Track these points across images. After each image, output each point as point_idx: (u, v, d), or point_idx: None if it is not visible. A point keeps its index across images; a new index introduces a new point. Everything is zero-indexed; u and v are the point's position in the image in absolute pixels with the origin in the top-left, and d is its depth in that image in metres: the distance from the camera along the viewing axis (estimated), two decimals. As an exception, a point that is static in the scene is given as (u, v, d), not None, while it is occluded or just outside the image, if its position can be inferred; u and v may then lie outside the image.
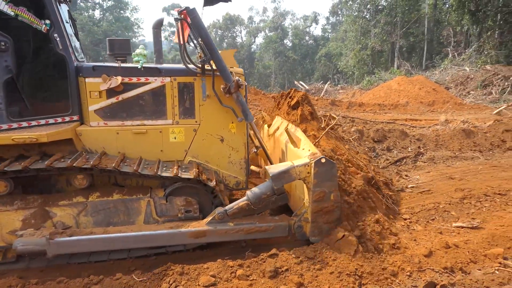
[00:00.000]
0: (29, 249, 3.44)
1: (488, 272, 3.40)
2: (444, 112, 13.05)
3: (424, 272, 3.45)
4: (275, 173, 3.71)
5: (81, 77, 3.96)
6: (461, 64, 20.95)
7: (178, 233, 3.72)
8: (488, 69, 17.59)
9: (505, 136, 8.60)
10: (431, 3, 29.63)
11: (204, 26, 4.07)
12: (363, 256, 3.65)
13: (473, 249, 3.84)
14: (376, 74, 25.83)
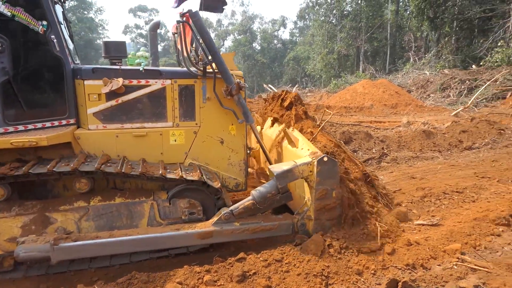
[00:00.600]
0: (32, 256, 3.30)
1: (447, 267, 3.54)
2: (406, 114, 13.58)
3: (388, 270, 3.55)
4: (279, 172, 3.76)
5: (79, 79, 3.88)
6: (422, 68, 21.91)
7: (185, 234, 3.68)
8: (446, 73, 18.49)
9: (462, 136, 9.05)
10: (393, 9, 30.84)
11: (206, 29, 4.10)
12: (330, 256, 3.70)
13: (433, 245, 3.99)
14: (343, 77, 26.51)
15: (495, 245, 4.08)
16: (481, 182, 6.05)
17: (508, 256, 3.75)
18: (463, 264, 3.52)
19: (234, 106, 4.28)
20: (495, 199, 5.28)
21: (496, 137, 9.09)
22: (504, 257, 3.74)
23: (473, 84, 16.03)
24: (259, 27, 50.54)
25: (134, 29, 57.24)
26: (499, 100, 14.27)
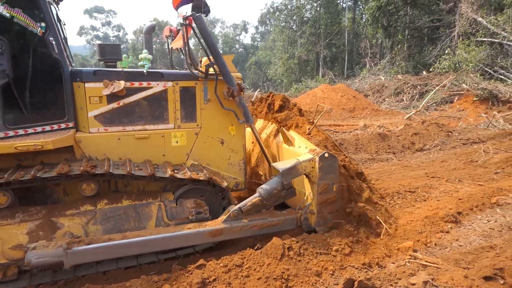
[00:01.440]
0: (44, 262, 3.20)
1: (400, 264, 3.68)
2: (363, 118, 14.08)
3: (345, 270, 3.63)
4: (284, 169, 3.91)
5: (79, 82, 3.81)
6: (377, 73, 22.87)
7: (197, 233, 3.71)
8: (399, 78, 19.43)
9: (414, 138, 9.53)
10: (350, 17, 32.00)
11: (209, 32, 4.15)
12: (289, 259, 3.73)
13: (388, 244, 4.15)
14: (303, 82, 27.06)
15: (444, 241, 4.30)
16: (431, 182, 6.38)
17: (456, 251, 3.97)
18: (415, 261, 3.67)
19: (235, 107, 4.36)
20: (444, 197, 5.58)
21: (444, 139, 9.65)
22: (452, 252, 3.96)
23: (424, 89, 16.97)
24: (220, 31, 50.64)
25: (90, 31, 55.15)
26: (448, 104, 15.19)
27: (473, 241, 4.27)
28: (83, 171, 3.45)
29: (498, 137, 9.68)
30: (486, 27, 17.13)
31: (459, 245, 4.19)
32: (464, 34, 18.23)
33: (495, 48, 16.70)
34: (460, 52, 16.99)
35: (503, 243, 3.97)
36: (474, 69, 15.97)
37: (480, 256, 3.73)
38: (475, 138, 9.62)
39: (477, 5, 18.52)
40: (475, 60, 16.09)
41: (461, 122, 12.05)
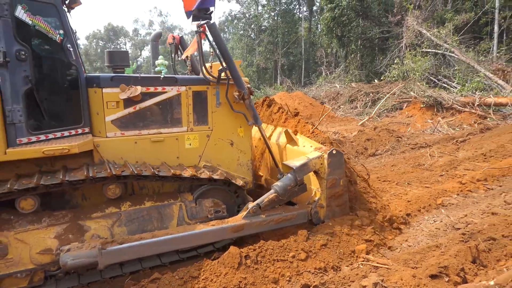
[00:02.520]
0: (79, 263, 3.26)
1: (354, 267, 3.80)
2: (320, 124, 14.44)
3: (302, 275, 3.68)
4: (298, 165, 4.24)
5: (95, 87, 3.89)
6: (333, 81, 23.64)
7: (221, 229, 3.92)
8: (353, 86, 20.22)
9: (367, 144, 9.92)
10: (306, 27, 32.94)
11: (222, 39, 4.33)
12: (247, 267, 3.71)
13: (343, 247, 4.26)
14: (262, 89, 27.33)
15: (394, 242, 4.49)
16: (383, 185, 6.66)
17: (405, 252, 4.15)
18: (368, 263, 3.80)
19: (244, 109, 4.56)
20: (394, 200, 5.84)
21: (395, 144, 10.14)
22: (402, 253, 4.14)
23: (376, 96, 17.76)
24: (178, 38, 49.98)
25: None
26: (398, 110, 16.00)
27: (421, 241, 4.49)
28: (131, 172, 3.64)
29: (443, 141, 10.33)
30: (430, 39, 18.31)
31: (408, 245, 4.40)
32: (411, 45, 19.36)
33: (439, 58, 17.88)
34: (408, 62, 18.00)
35: (447, 242, 4.21)
36: (421, 78, 16.96)
37: (427, 255, 3.92)
38: (422, 142, 10.19)
39: (421, 19, 19.78)
40: (421, 69, 17.11)
41: (410, 128, 12.74)
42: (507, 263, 3.65)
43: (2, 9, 3.14)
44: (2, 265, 3.33)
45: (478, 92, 14.39)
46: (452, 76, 16.78)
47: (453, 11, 19.95)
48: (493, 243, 4.00)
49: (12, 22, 3.21)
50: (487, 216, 4.99)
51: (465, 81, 15.87)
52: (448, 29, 18.30)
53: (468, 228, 4.52)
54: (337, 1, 21.65)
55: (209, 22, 4.21)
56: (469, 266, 3.56)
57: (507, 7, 19.45)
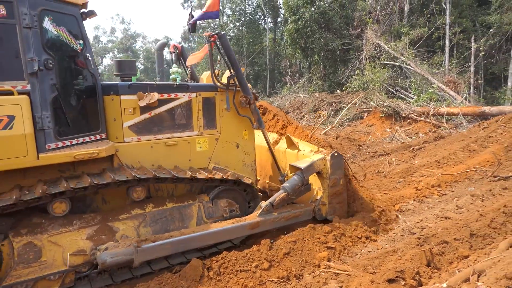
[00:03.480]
0: (117, 261, 3.47)
1: (316, 275, 3.84)
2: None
3: (265, 285, 3.67)
4: (305, 166, 4.65)
5: (113, 95, 4.06)
6: (297, 91, 24.08)
7: (240, 226, 4.30)
8: (317, 96, 20.70)
9: (329, 153, 10.14)
10: (271, 37, 33.45)
11: (231, 48, 4.70)
12: (209, 279, 3.66)
13: (306, 254, 4.30)
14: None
15: (355, 248, 4.60)
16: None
17: (365, 257, 4.25)
18: (329, 270, 3.85)
19: (249, 113, 4.92)
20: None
21: (356, 152, 10.45)
22: (362, 258, 4.24)
23: (338, 106, 18.26)
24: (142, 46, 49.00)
25: None
26: (359, 120, 16.55)
27: (380, 247, 4.63)
28: (172, 175, 3.99)
29: (400, 149, 10.78)
30: (388, 51, 19.20)
31: (368, 251, 4.51)
32: (371, 57, 20.17)
33: (396, 70, 18.74)
34: (368, 73, 18.71)
35: (404, 247, 4.37)
36: (380, 88, 17.67)
37: (385, 260, 4.05)
38: (381, 151, 10.59)
39: (380, 32, 20.71)
40: (380, 80, 17.85)
41: (370, 137, 13.21)
42: (458, 265, 3.84)
43: (32, 20, 3.29)
44: (36, 268, 3.43)
45: (432, 103, 15.19)
46: (409, 87, 17.63)
47: (408, 26, 21.04)
48: (446, 246, 4.19)
49: (41, 33, 3.37)
50: (441, 220, 5.24)
51: (420, 92, 16.72)
52: (404, 43, 19.27)
53: (423, 233, 4.72)
54: (301, 13, 22.19)
55: (220, 33, 4.54)
56: (424, 269, 3.70)
57: (456, 23, 20.81)
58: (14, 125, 3.14)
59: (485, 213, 4.99)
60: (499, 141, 9.15)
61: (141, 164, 4.21)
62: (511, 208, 4.98)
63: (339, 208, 5.05)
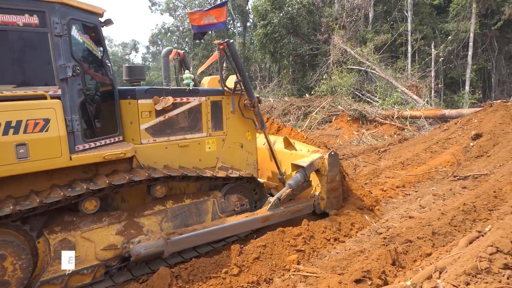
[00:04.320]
0: (150, 252, 3.75)
1: (285, 278, 3.85)
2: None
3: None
4: (307, 165, 5.08)
5: (130, 99, 4.31)
6: (267, 95, 24.25)
7: (253, 219, 4.69)
8: (286, 100, 20.93)
9: (299, 156, 10.25)
10: (240, 42, 33.55)
11: (239, 56, 5.09)
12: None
13: (276, 258, 4.31)
14: (197, 103, 27.07)
15: (324, 250, 4.65)
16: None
17: (333, 259, 4.31)
18: (298, 273, 3.88)
19: (253, 116, 5.30)
20: (323, 209, 6.06)
21: (325, 155, 10.60)
22: (330, 260, 4.29)
23: (307, 110, 18.57)
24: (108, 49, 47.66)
25: None
26: (327, 123, 16.89)
27: (348, 247, 4.71)
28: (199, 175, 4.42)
29: (367, 151, 11.08)
30: (354, 57, 19.78)
31: (336, 252, 4.58)
32: (338, 62, 20.69)
33: (362, 75, 19.34)
34: (335, 78, 19.17)
35: (370, 247, 4.47)
36: (347, 92, 18.15)
37: (353, 260, 4.12)
38: (349, 153, 10.83)
39: (346, 38, 21.31)
40: (347, 84, 18.34)
41: (338, 140, 13.50)
42: (422, 263, 3.98)
43: (63, 29, 3.49)
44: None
45: (397, 106, 15.77)
46: (374, 91, 18.21)
47: (373, 32, 21.78)
48: (410, 245, 4.33)
49: (69, 41, 3.57)
50: (405, 220, 5.42)
51: (385, 96, 17.31)
52: (369, 48, 19.92)
53: (389, 232, 4.85)
54: (269, 19, 22.43)
55: (229, 41, 4.91)
56: (389, 268, 3.81)
57: (417, 30, 21.75)
58: (50, 128, 3.35)
59: (446, 211, 5.20)
60: (458, 142, 9.60)
61: (157, 164, 4.47)
62: (469, 206, 5.23)
63: (335, 202, 5.49)
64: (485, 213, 5.13)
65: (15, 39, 3.28)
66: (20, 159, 3.19)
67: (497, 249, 3.11)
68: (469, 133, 9.72)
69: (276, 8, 22.41)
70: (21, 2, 3.25)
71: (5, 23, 3.19)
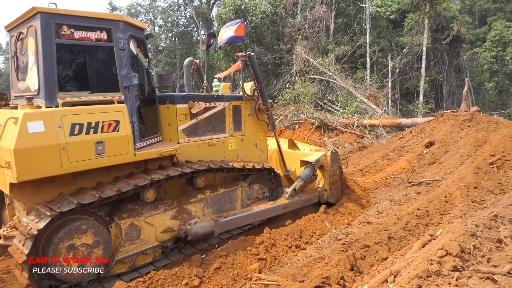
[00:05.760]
0: (204, 231, 4.56)
1: (247, 287, 3.82)
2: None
3: (194, 303, 3.55)
4: (315, 161, 5.98)
5: (169, 104, 4.95)
6: (231, 103, 24.27)
7: (277, 206, 5.56)
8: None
9: (262, 164, 10.31)
10: (204, 49, 33.41)
11: (257, 66, 5.92)
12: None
13: (238, 267, 4.27)
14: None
15: (285, 258, 4.68)
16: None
17: (294, 266, 4.34)
18: (260, 281, 3.86)
19: (265, 118, 6.15)
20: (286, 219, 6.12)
21: (287, 163, 10.72)
22: (291, 267, 4.32)
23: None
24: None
25: None
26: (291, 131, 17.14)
27: (308, 254, 4.77)
28: (252, 166, 5.45)
29: (328, 159, 11.31)
30: (316, 66, 20.31)
31: (297, 259, 4.62)
32: (300, 72, 21.14)
33: (324, 84, 19.87)
34: (298, 87, 19.54)
35: (330, 253, 4.55)
36: (309, 101, 18.53)
37: (313, 267, 4.17)
38: (311, 161, 11.01)
39: (308, 48, 21.85)
40: (309, 94, 18.73)
41: (301, 147, 13.70)
42: (378, 267, 4.10)
43: (125, 43, 4.12)
44: (137, 244, 4.23)
45: (356, 115, 16.32)
46: (335, 100, 18.76)
47: (334, 43, 22.52)
48: (368, 250, 4.46)
49: (129, 53, 4.18)
50: (364, 226, 5.58)
51: (346, 105, 17.87)
52: (331, 59, 20.55)
53: (348, 238, 4.97)
54: (233, 27, 22.57)
55: (250, 54, 5.72)
56: (348, 274, 3.89)
57: (375, 43, 22.77)
58: (120, 128, 3.92)
59: (402, 216, 5.42)
60: (412, 150, 10.08)
61: (191, 161, 5.03)
62: (422, 211, 5.49)
63: (336, 193, 6.39)
64: (437, 217, 5.40)
65: (89, 52, 3.89)
66: (98, 154, 3.79)
67: (446, 252, 3.26)
68: (423, 141, 10.24)
69: (240, 17, 22.59)
70: (94, 21, 3.91)
71: (82, 38, 3.84)
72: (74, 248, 3.63)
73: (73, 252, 3.62)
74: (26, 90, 4.03)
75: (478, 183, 6.56)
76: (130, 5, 33.42)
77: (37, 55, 3.67)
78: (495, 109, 25.42)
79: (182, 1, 33.96)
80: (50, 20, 3.63)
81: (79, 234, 3.67)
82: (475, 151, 8.44)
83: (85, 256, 3.70)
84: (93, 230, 3.78)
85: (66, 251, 3.58)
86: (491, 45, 29.15)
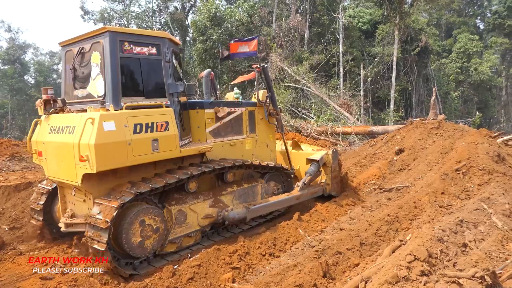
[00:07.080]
0: (240, 217, 5.43)
1: (220, 297, 3.77)
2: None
3: (165, 315, 3.47)
4: (320, 158, 6.83)
5: (198, 109, 5.71)
6: (206, 110, 24.16)
7: (292, 197, 6.35)
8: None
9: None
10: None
11: (270, 76, 6.76)
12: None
13: (211, 277, 4.21)
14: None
15: (259, 266, 4.65)
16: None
17: (268, 274, 4.32)
18: (233, 291, 3.82)
19: (275, 122, 6.88)
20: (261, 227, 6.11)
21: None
22: (265, 276, 4.29)
23: (246, 125, 18.85)
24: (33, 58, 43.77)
25: None
26: (265, 139, 17.21)
27: (282, 262, 4.76)
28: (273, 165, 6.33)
29: (303, 166, 11.43)
30: (291, 75, 20.59)
31: (271, 267, 4.60)
32: (275, 79, 21.36)
33: (298, 92, 20.16)
34: (273, 94, 19.75)
35: (304, 260, 4.56)
36: (284, 109, 18.75)
37: (287, 275, 4.17)
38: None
39: (283, 57, 22.14)
40: (284, 101, 18.95)
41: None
42: (350, 274, 4.14)
43: (169, 56, 4.93)
44: (184, 228, 4.96)
45: (330, 123, 16.63)
46: (310, 108, 19.04)
47: (308, 52, 22.93)
48: (340, 257, 4.51)
49: (172, 65, 5.00)
50: (336, 232, 5.64)
51: (320, 113, 18.18)
52: (305, 67, 20.89)
53: (321, 245, 5.00)
54: (209, 34, 22.57)
55: (264, 66, 6.51)
56: (320, 281, 3.91)
57: (348, 52, 23.37)
58: (169, 128, 4.69)
59: (373, 222, 5.52)
60: (384, 157, 10.35)
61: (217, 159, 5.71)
62: (393, 217, 5.62)
63: (337, 187, 7.28)
64: (407, 223, 5.54)
65: (143, 64, 4.70)
66: (154, 150, 4.52)
67: (414, 257, 3.35)
68: (393, 148, 10.54)
69: (216, 25, 22.65)
70: (147, 38, 4.75)
71: (139, 52, 4.66)
72: (144, 224, 4.33)
73: (142, 228, 4.31)
74: (87, 97, 4.76)
75: (445, 188, 6.80)
76: (103, 9, 32.73)
77: (103, 66, 4.43)
78: (460, 118, 26.58)
79: (156, 7, 33.64)
80: (116, 37, 4.42)
81: (148, 214, 4.39)
82: (442, 158, 8.76)
83: (151, 232, 4.43)
84: (157, 212, 4.52)
85: (139, 226, 4.28)
86: (457, 56, 30.60)
